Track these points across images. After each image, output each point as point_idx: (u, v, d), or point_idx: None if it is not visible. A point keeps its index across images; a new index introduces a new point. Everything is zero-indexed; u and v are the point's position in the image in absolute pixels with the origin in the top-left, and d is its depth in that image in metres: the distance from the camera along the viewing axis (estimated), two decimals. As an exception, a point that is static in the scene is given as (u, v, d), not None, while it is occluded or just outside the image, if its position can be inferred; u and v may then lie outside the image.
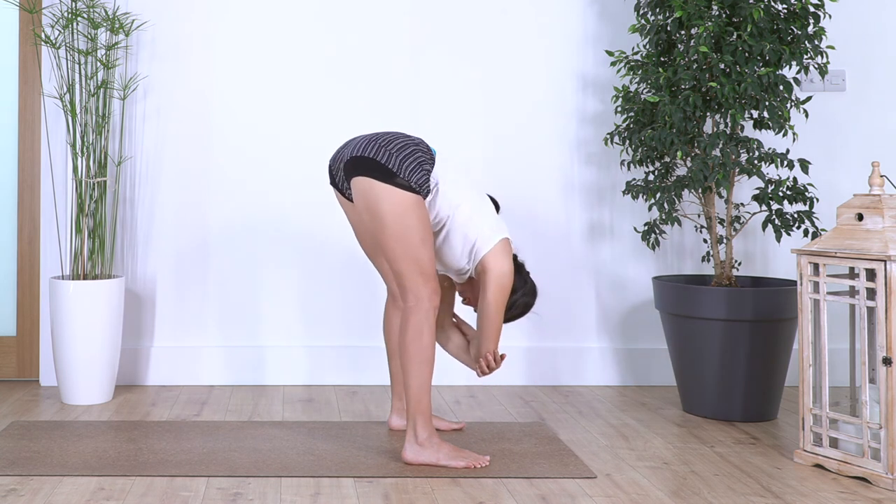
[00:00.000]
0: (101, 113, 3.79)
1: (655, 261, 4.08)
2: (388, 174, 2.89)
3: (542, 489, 2.71)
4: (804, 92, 4.03)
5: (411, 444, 2.90)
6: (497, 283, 2.97)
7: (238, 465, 2.89)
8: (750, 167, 3.44)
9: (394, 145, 2.94)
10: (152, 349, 3.99)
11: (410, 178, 2.89)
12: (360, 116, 4.04)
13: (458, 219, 2.98)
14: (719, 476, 2.84)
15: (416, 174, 2.90)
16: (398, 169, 2.89)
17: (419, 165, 2.92)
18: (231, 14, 4.04)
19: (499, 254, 2.98)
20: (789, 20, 3.48)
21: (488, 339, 3.01)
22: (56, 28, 3.85)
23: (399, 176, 2.89)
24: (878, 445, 2.78)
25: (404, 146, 2.95)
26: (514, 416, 3.51)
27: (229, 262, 4.02)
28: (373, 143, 2.95)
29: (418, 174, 2.91)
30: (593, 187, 4.08)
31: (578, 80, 4.09)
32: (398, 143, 2.95)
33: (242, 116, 4.04)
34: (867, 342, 2.87)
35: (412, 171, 2.90)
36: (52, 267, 3.94)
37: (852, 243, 2.88)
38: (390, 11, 4.06)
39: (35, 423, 3.33)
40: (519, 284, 3.08)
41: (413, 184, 2.89)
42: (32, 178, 4.03)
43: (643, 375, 4.04)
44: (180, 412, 3.54)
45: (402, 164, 2.90)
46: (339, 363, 4.01)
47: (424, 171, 2.92)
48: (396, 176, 2.89)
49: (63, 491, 2.67)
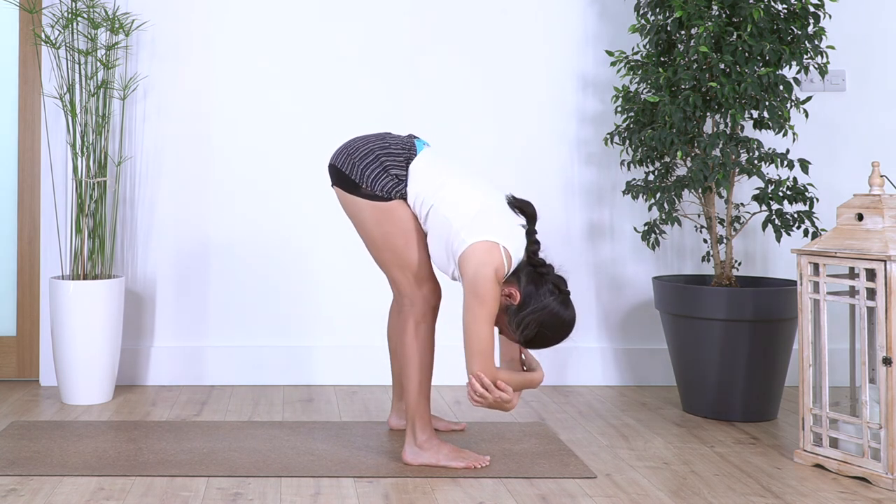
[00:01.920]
0: (101, 113, 3.79)
1: (655, 261, 4.08)
2: (353, 185, 2.86)
3: (542, 489, 2.71)
4: (804, 92, 4.03)
5: (411, 446, 2.89)
6: (470, 288, 2.68)
7: (238, 465, 2.89)
8: (750, 167, 3.44)
9: (358, 154, 2.88)
10: (152, 349, 3.99)
11: (374, 186, 2.83)
12: (360, 116, 4.04)
13: (435, 218, 2.81)
14: (719, 476, 2.84)
15: (381, 181, 2.83)
16: (360, 179, 2.85)
17: (384, 171, 2.84)
18: (231, 14, 4.04)
19: (474, 255, 2.69)
20: (789, 20, 3.48)
21: (470, 357, 2.68)
22: (56, 28, 3.85)
23: (362, 187, 2.84)
24: (878, 445, 2.78)
25: (368, 153, 2.87)
26: (514, 416, 3.51)
27: (229, 262, 4.02)
28: (343, 151, 2.92)
29: (383, 180, 2.83)
30: (593, 187, 4.08)
31: (578, 80, 4.09)
32: (363, 152, 2.88)
33: (242, 116, 4.04)
34: (867, 342, 2.87)
35: (375, 179, 2.83)
36: (52, 267, 3.94)
37: (852, 243, 2.88)
38: (390, 11, 4.06)
39: (35, 423, 3.33)
40: (531, 299, 2.72)
41: (378, 191, 2.83)
42: (32, 178, 4.03)
43: (643, 375, 4.04)
44: (180, 412, 3.54)
45: (363, 173, 2.85)
46: (339, 363, 4.01)
47: (391, 176, 2.84)
48: (360, 187, 2.85)
49: (63, 491, 2.67)
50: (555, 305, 2.73)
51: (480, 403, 2.70)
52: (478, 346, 2.66)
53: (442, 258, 2.83)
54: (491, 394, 2.68)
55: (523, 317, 2.72)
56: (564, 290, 2.77)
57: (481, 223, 2.74)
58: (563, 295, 2.76)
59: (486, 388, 2.68)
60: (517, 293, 2.75)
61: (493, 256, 2.70)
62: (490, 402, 2.70)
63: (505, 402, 2.71)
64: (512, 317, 2.75)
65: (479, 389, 2.67)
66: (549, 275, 2.78)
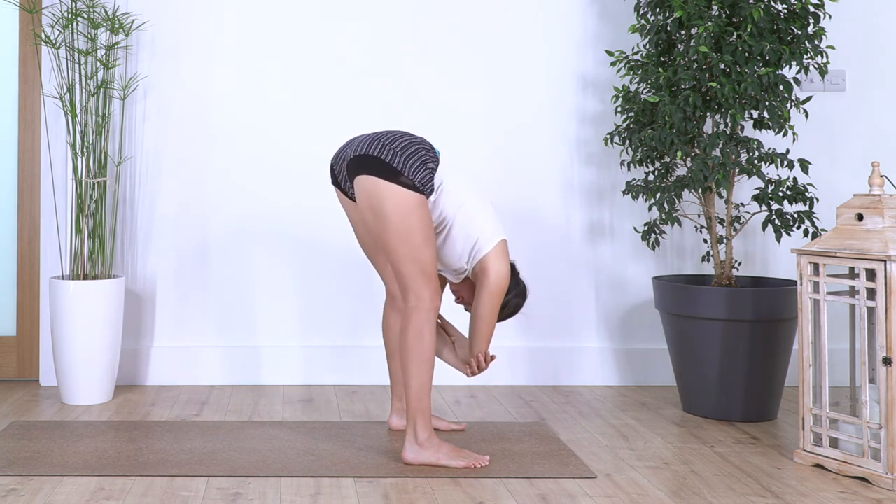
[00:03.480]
0: (101, 113, 3.79)
1: (655, 261, 4.08)
2: (393, 172, 2.87)
3: (542, 489, 2.71)
4: (804, 92, 4.03)
5: (411, 445, 2.90)
6: (495, 284, 2.98)
7: (238, 465, 2.89)
8: (750, 167, 3.44)
9: (398, 144, 2.92)
10: (152, 349, 3.99)
11: (415, 176, 2.87)
12: (360, 116, 4.04)
13: (461, 218, 2.97)
14: (719, 476, 2.84)
15: (421, 173, 2.88)
16: (402, 167, 2.87)
17: (423, 164, 2.90)
18: (231, 14, 4.04)
19: (498, 255, 2.99)
20: (789, 20, 3.48)
21: (481, 340, 3.02)
22: (56, 28, 3.85)
23: (403, 174, 2.86)
24: (878, 445, 2.78)
25: (408, 144, 2.93)
26: (514, 416, 3.51)
27: (229, 262, 4.02)
28: (377, 141, 2.94)
29: (422, 173, 2.89)
30: (593, 187, 4.08)
31: (578, 80, 4.09)
32: (402, 142, 2.93)
33: (242, 116, 4.04)
34: (867, 342, 2.87)
35: (416, 170, 2.88)
36: (52, 267, 3.94)
37: (852, 243, 2.88)
38: (390, 11, 4.06)
39: (35, 423, 3.33)
40: (511, 286, 3.10)
41: (417, 182, 2.87)
42: (32, 178, 4.03)
43: (643, 375, 4.04)
44: (180, 412, 3.54)
45: (406, 162, 2.88)
46: (339, 363, 4.01)
47: (429, 170, 2.90)
48: (401, 174, 2.86)
49: (63, 491, 2.67)
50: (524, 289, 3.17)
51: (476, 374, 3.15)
52: (489, 331, 3.02)
53: (456, 255, 3.00)
54: (487, 365, 3.08)
55: (507, 301, 3.10)
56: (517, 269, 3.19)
57: (496, 223, 3.04)
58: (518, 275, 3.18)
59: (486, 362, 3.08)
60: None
61: (508, 253, 3.05)
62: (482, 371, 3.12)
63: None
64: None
65: (483, 365, 3.07)
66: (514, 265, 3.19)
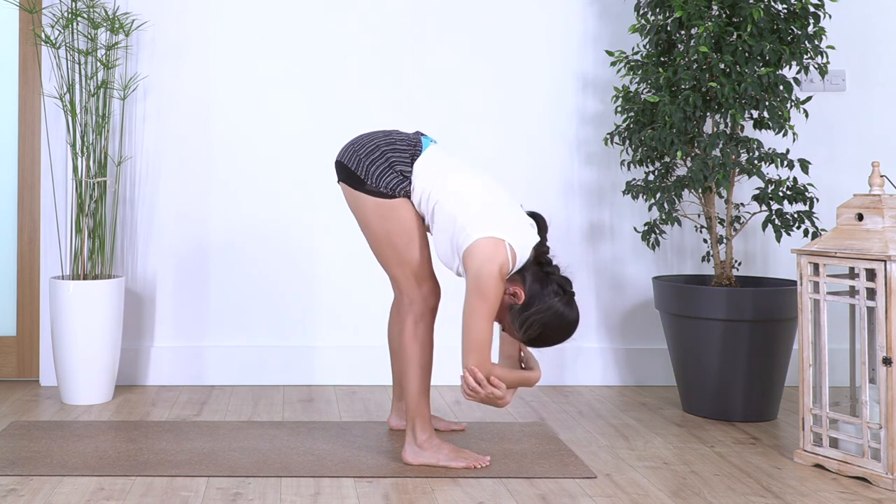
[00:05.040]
0: (101, 113, 3.79)
1: (655, 261, 4.08)
2: (359, 181, 2.86)
3: (542, 489, 2.71)
4: (804, 92, 4.03)
5: (411, 446, 2.90)
6: (473, 283, 2.68)
7: (238, 465, 2.89)
8: (750, 167, 3.44)
9: (364, 150, 2.88)
10: (152, 349, 3.99)
11: (379, 183, 2.84)
12: (360, 117, 4.04)
13: (440, 214, 2.80)
14: (719, 476, 2.84)
15: (386, 177, 2.84)
16: (366, 175, 2.85)
17: (390, 167, 2.84)
18: (231, 14, 4.04)
19: (479, 250, 2.69)
20: (789, 20, 3.48)
21: (466, 351, 2.69)
22: (56, 28, 3.85)
23: (367, 183, 2.85)
24: (878, 445, 2.78)
25: (374, 149, 2.87)
26: (514, 416, 3.51)
27: (229, 262, 4.02)
28: (349, 148, 2.93)
29: (388, 177, 2.84)
30: (593, 187, 4.08)
31: (578, 80, 4.09)
32: (368, 148, 2.88)
33: (243, 116, 4.04)
34: (867, 342, 2.87)
35: (381, 176, 2.84)
36: (52, 267, 3.94)
37: (852, 243, 2.88)
38: (391, 11, 4.06)
39: (35, 423, 3.33)
40: (535, 299, 2.72)
41: (383, 188, 2.84)
42: (32, 178, 4.03)
43: (643, 375, 4.04)
44: (180, 412, 3.54)
45: (368, 169, 2.85)
46: (339, 363, 4.01)
47: (396, 173, 2.84)
48: (365, 183, 2.85)
49: (63, 491, 2.67)
50: (559, 306, 2.73)
51: (472, 398, 2.71)
52: (475, 341, 2.67)
53: (447, 254, 2.83)
54: (483, 389, 2.68)
55: (527, 316, 2.72)
56: (569, 290, 2.77)
57: (487, 219, 2.74)
58: (568, 296, 2.76)
59: (479, 383, 2.69)
60: (521, 292, 2.75)
61: (499, 253, 2.69)
62: (482, 397, 2.71)
63: (497, 398, 2.72)
64: (516, 316, 2.75)
65: (472, 384, 2.68)
66: (555, 275, 2.77)
